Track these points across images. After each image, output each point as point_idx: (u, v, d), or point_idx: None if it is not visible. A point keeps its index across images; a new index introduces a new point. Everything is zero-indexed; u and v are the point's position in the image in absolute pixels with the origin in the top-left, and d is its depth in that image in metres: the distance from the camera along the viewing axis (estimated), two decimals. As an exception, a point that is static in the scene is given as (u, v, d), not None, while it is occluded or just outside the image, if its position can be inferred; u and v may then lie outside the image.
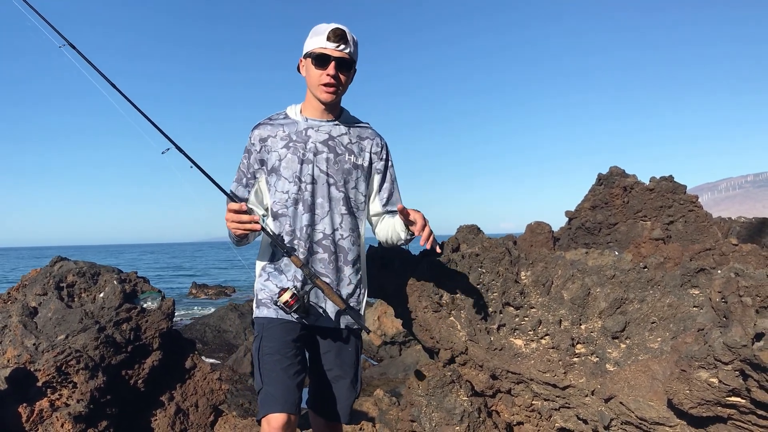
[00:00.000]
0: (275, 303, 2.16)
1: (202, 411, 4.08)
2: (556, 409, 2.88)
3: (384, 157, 2.46)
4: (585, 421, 2.75)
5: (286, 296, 2.12)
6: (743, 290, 2.00)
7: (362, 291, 2.42)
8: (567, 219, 7.25)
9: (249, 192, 2.35)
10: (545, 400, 2.90)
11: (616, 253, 3.08)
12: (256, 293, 2.35)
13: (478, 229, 3.76)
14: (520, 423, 3.03)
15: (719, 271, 2.66)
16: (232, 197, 2.28)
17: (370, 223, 2.54)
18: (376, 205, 2.48)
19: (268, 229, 2.23)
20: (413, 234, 2.23)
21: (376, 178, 2.46)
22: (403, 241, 2.34)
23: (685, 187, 6.18)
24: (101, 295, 4.08)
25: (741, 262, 3.20)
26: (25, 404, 3.22)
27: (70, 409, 3.28)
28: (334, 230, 2.30)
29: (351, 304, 2.32)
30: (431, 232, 2.17)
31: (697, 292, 2.67)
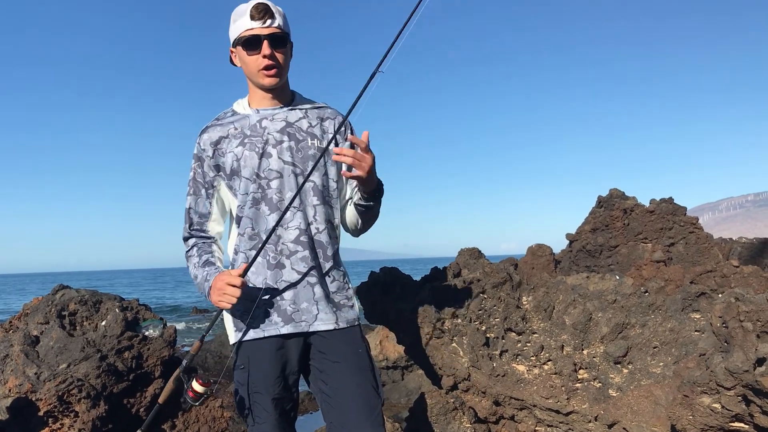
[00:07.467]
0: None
1: (204, 439, 4.05)
2: (559, 436, 2.86)
3: (348, 135, 2.21)
4: (589, 448, 2.74)
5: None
6: (744, 315, 2.00)
7: (350, 286, 2.21)
8: (568, 241, 7.25)
9: (210, 204, 2.14)
10: (548, 426, 2.88)
11: (617, 277, 3.08)
12: (232, 316, 2.10)
13: (480, 252, 3.77)
14: (524, 450, 3.01)
15: (720, 296, 2.67)
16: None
17: (341, 216, 2.29)
18: (347, 195, 2.26)
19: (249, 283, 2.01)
20: (363, 195, 2.06)
21: None
22: (363, 208, 2.14)
23: (685, 208, 6.19)
24: (103, 323, 4.08)
25: (742, 284, 3.20)
26: (26, 434, 3.21)
27: (71, 439, 3.26)
28: (308, 225, 2.07)
29: (341, 301, 2.12)
30: (354, 156, 1.90)
31: (698, 317, 2.67)
